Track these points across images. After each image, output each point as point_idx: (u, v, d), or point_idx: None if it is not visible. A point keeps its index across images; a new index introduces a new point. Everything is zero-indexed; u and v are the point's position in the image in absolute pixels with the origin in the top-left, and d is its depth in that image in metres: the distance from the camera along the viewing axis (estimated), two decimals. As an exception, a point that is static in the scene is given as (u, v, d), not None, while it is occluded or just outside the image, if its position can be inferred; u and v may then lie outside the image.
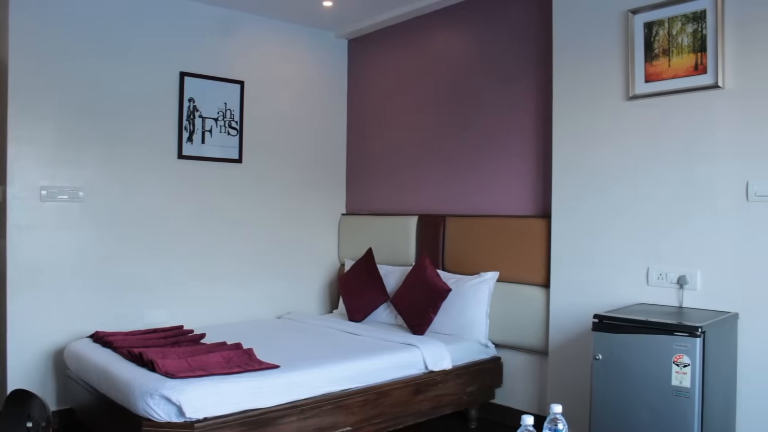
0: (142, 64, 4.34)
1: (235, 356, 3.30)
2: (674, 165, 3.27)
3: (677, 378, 2.71)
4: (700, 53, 3.16)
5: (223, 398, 2.90)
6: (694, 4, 3.18)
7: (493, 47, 4.38)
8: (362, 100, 5.39)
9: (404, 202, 4.98)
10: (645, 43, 3.37)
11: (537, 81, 4.09)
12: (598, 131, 3.58)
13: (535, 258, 3.94)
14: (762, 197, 2.96)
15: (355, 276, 4.72)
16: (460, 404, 3.94)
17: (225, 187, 4.75)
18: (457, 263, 4.43)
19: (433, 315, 4.10)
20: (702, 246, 3.17)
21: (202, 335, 3.87)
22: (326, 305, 5.35)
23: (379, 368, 3.52)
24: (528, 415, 1.97)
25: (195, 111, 4.57)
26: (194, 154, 4.57)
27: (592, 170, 3.61)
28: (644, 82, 3.37)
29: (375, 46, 5.27)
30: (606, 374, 2.94)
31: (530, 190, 4.12)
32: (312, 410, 3.17)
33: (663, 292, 3.29)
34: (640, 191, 3.40)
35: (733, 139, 3.07)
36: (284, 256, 5.07)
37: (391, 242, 4.86)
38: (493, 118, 4.36)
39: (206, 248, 4.63)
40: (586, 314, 3.31)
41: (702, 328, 2.68)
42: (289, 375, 3.16)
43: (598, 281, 3.56)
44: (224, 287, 4.72)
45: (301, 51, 5.22)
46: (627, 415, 2.86)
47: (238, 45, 4.84)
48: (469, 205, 4.50)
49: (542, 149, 4.03)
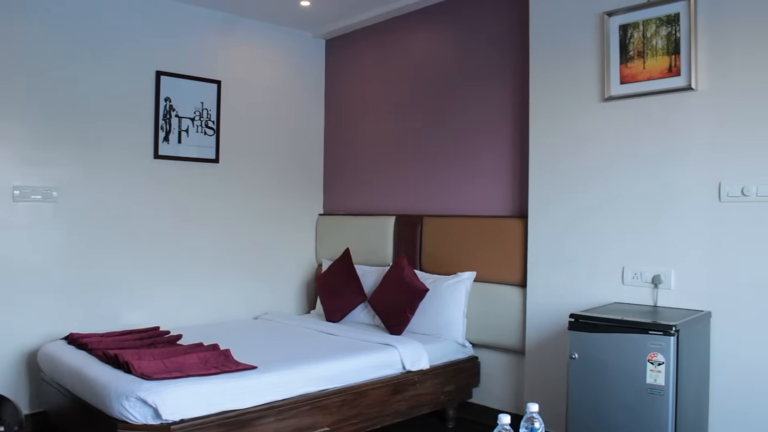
0: (117, 62, 4.30)
1: (212, 357, 3.28)
2: (649, 166, 3.31)
3: (652, 376, 2.74)
4: (674, 56, 3.21)
5: (200, 399, 2.88)
6: (668, 8, 3.23)
7: (470, 48, 4.41)
8: (339, 100, 5.38)
9: (382, 202, 4.99)
10: (620, 45, 3.40)
11: (514, 82, 4.11)
12: (574, 132, 3.61)
13: (512, 258, 3.97)
14: (734, 198, 3.01)
15: (332, 276, 4.72)
16: (438, 404, 3.95)
17: (202, 187, 4.72)
18: (435, 263, 4.44)
19: (410, 315, 4.11)
20: (676, 246, 3.21)
21: (179, 336, 3.84)
22: (304, 306, 5.34)
23: (357, 368, 3.52)
24: (505, 414, 1.99)
25: (171, 110, 4.53)
26: (171, 154, 4.54)
27: (568, 170, 3.64)
28: (619, 83, 3.41)
29: (352, 47, 5.27)
30: (582, 373, 2.96)
31: (507, 191, 4.15)
32: (290, 411, 3.16)
33: (638, 291, 3.33)
34: (615, 192, 3.44)
35: (706, 140, 3.12)
36: (261, 256, 5.05)
37: (369, 242, 4.86)
38: (470, 118, 4.38)
39: (183, 249, 4.60)
40: (563, 314, 3.34)
41: (676, 326, 2.71)
42: (267, 376, 3.15)
43: (575, 281, 3.59)
44: (201, 288, 4.69)
45: (278, 51, 5.20)
46: (603, 413, 2.89)
47: (215, 44, 4.81)
48: (446, 205, 4.51)
49: (519, 149, 4.06)
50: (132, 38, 4.37)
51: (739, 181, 3.00)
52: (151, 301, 4.41)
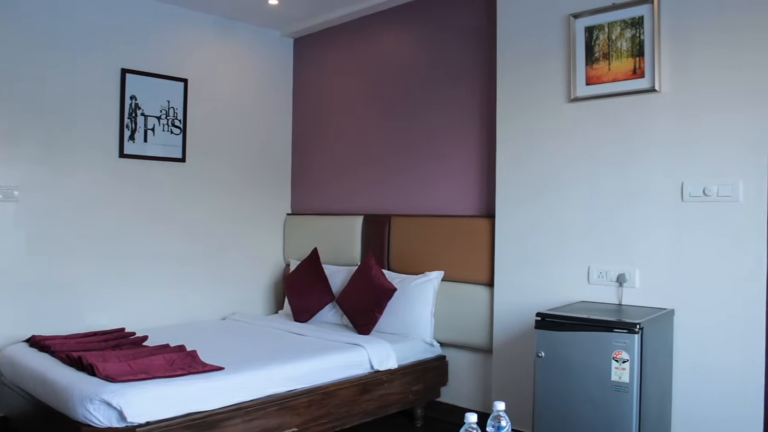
0: (81, 59, 4.22)
1: (179, 358, 3.25)
2: (614, 166, 3.36)
3: (616, 373, 2.78)
4: (639, 58, 3.26)
5: (166, 401, 2.85)
6: (632, 11, 3.28)
7: (438, 48, 4.42)
8: (308, 100, 5.36)
9: (350, 201, 4.98)
10: (586, 47, 3.44)
11: (481, 82, 4.14)
12: (540, 132, 3.65)
13: (480, 257, 3.99)
14: (696, 198, 3.07)
15: (300, 276, 4.70)
16: (406, 403, 3.96)
17: (168, 186, 4.66)
18: (403, 263, 4.45)
19: (378, 315, 4.11)
20: (640, 245, 3.26)
21: (145, 338, 3.79)
22: (271, 306, 5.31)
23: (325, 368, 3.51)
24: (471, 413, 2.00)
25: (137, 109, 4.47)
26: (136, 153, 4.48)
27: (534, 170, 3.67)
28: (585, 84, 3.45)
29: (321, 46, 5.25)
30: (548, 371, 2.99)
31: (475, 190, 4.17)
32: (257, 412, 3.14)
33: (603, 290, 3.38)
34: (581, 191, 3.48)
35: (669, 141, 3.17)
36: (229, 256, 5.01)
37: (337, 242, 4.86)
38: (438, 118, 4.39)
39: (149, 249, 4.54)
40: (529, 312, 3.37)
41: (640, 324, 2.76)
42: (234, 376, 3.13)
43: (541, 280, 3.63)
44: (167, 288, 4.63)
45: (246, 49, 5.16)
46: (569, 410, 2.92)
47: (182, 42, 4.76)
48: (414, 204, 4.52)
49: (486, 149, 4.09)
50: (96, 35, 4.30)
51: (700, 181, 3.05)
52: (117, 302, 4.35)
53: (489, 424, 2.05)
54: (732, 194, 2.96)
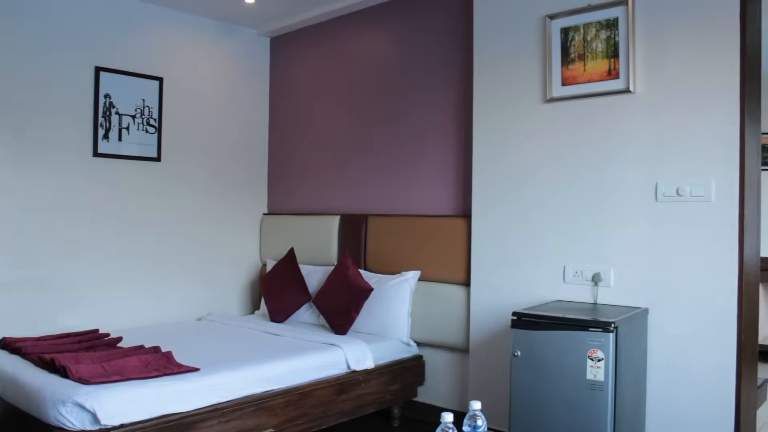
0: (54, 57, 4.16)
1: (153, 360, 3.21)
2: (589, 166, 3.39)
3: (592, 372, 2.80)
4: (613, 59, 3.28)
5: (141, 403, 2.81)
6: (607, 12, 3.30)
7: (415, 48, 4.43)
8: (284, 99, 5.34)
9: (326, 201, 4.97)
10: (562, 48, 3.47)
11: (458, 82, 4.15)
12: (516, 132, 3.67)
13: (456, 257, 4.00)
14: (670, 198, 3.10)
15: (276, 276, 4.68)
16: (383, 403, 3.95)
17: (143, 186, 4.62)
18: (379, 263, 4.45)
19: (355, 315, 4.10)
20: (615, 245, 3.29)
21: (119, 339, 3.75)
22: (248, 306, 5.28)
23: (302, 369, 3.50)
24: (447, 413, 2.00)
25: (111, 107, 4.43)
26: (110, 152, 4.43)
27: (510, 170, 3.69)
28: (561, 85, 3.48)
29: (298, 45, 5.24)
30: (524, 370, 3.01)
31: (451, 190, 4.18)
32: (233, 413, 3.12)
33: (579, 289, 3.40)
34: (556, 191, 3.50)
35: (643, 141, 3.20)
36: (204, 256, 4.97)
37: (313, 242, 4.84)
38: (414, 118, 4.40)
39: (123, 249, 4.49)
40: (506, 312, 3.38)
41: (615, 323, 2.78)
42: (209, 378, 3.10)
43: (517, 279, 3.64)
44: (142, 289, 4.59)
45: (222, 48, 5.13)
46: (545, 408, 2.94)
47: (157, 40, 4.72)
48: (391, 204, 4.52)
49: (463, 149, 4.10)
50: (70, 32, 4.24)
51: (674, 181, 3.09)
52: (90, 303, 4.30)
53: (465, 424, 2.05)
54: (705, 194, 3.00)
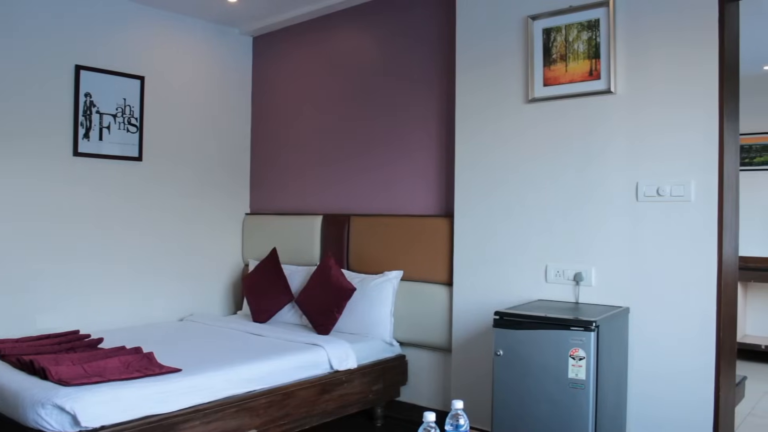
0: (33, 55, 4.12)
1: (135, 361, 3.19)
2: (571, 166, 3.41)
3: (573, 371, 2.82)
4: (595, 60, 3.31)
5: (122, 405, 2.79)
6: (588, 13, 3.33)
7: (398, 47, 4.43)
8: (267, 99, 5.32)
9: (309, 201, 4.96)
10: (544, 48, 3.49)
11: (440, 82, 4.16)
12: (498, 132, 3.68)
13: (439, 257, 4.01)
14: (650, 198, 3.13)
15: (259, 276, 4.66)
16: (366, 403, 3.95)
17: (124, 185, 4.58)
18: (362, 262, 4.45)
19: (337, 315, 4.10)
20: (596, 244, 3.31)
21: (100, 340, 3.72)
22: (230, 306, 5.26)
23: (284, 369, 3.49)
24: (430, 412, 2.00)
25: (92, 106, 4.39)
26: (91, 151, 4.39)
27: (492, 170, 3.70)
28: (543, 85, 3.49)
29: (280, 45, 5.22)
30: (507, 369, 3.02)
31: (434, 190, 4.19)
32: (215, 414, 3.11)
33: (560, 288, 3.42)
34: (539, 191, 3.52)
35: (624, 142, 3.23)
36: (187, 256, 4.95)
37: (296, 242, 4.83)
38: (397, 118, 4.40)
39: (104, 248, 4.46)
40: (488, 311, 3.39)
41: (596, 322, 2.80)
42: (191, 378, 3.09)
43: (499, 279, 3.66)
44: (123, 289, 4.55)
45: (204, 47, 5.10)
46: (527, 407, 2.95)
47: (139, 39, 4.68)
48: (373, 204, 4.52)
49: (446, 150, 4.10)
50: (49, 30, 4.19)
51: (654, 181, 3.12)
52: (70, 304, 4.26)
53: (447, 423, 2.06)
54: (684, 194, 3.03)
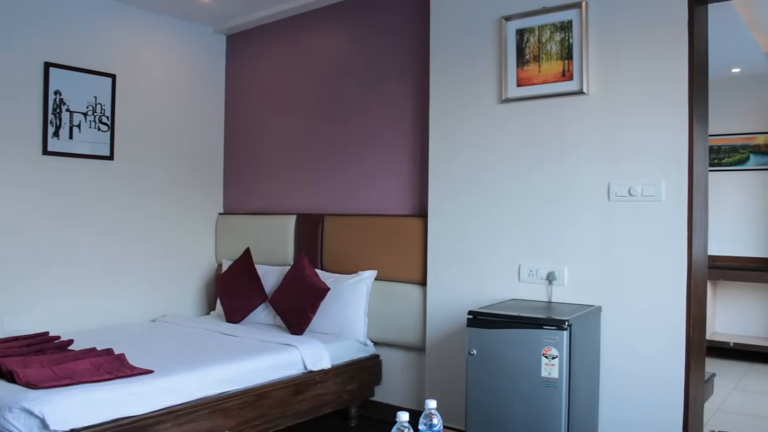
0: (1, 51, 4.04)
1: (106, 362, 3.15)
2: (544, 167, 3.43)
3: (546, 369, 2.84)
4: (567, 60, 3.33)
5: (93, 407, 2.75)
6: (561, 15, 3.35)
7: (373, 47, 4.43)
8: (241, 98, 5.29)
9: (283, 201, 4.94)
10: (517, 49, 3.51)
11: (415, 82, 4.16)
12: (472, 133, 3.70)
13: (413, 256, 4.02)
14: (622, 198, 3.16)
15: (232, 276, 4.63)
16: (341, 403, 3.95)
17: (95, 184, 4.51)
18: (336, 262, 4.44)
19: (311, 315, 4.09)
20: (569, 244, 3.34)
21: (70, 341, 3.66)
22: (203, 307, 5.22)
23: (258, 369, 3.47)
24: (403, 412, 2.01)
25: (62, 104, 4.32)
26: (61, 150, 4.32)
27: (466, 170, 3.72)
28: (516, 86, 3.52)
29: (255, 43, 5.19)
30: (480, 368, 3.03)
31: (408, 190, 4.19)
32: (188, 415, 3.08)
33: (534, 287, 3.45)
34: (512, 191, 3.54)
35: (596, 142, 3.26)
36: (159, 256, 4.90)
37: (270, 242, 4.81)
38: (371, 117, 4.40)
39: (74, 248, 4.39)
40: (462, 311, 3.40)
41: (568, 321, 2.82)
42: (164, 379, 3.06)
43: (473, 278, 3.67)
44: (94, 290, 4.49)
45: (177, 45, 5.05)
46: (501, 406, 2.97)
47: (110, 36, 4.62)
48: (348, 204, 4.52)
49: (419, 149, 4.11)
50: (18, 26, 4.12)
51: (626, 181, 3.15)
52: (40, 306, 4.18)
53: (421, 422, 2.06)
54: (655, 194, 3.07)
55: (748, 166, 6.39)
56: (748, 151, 6.38)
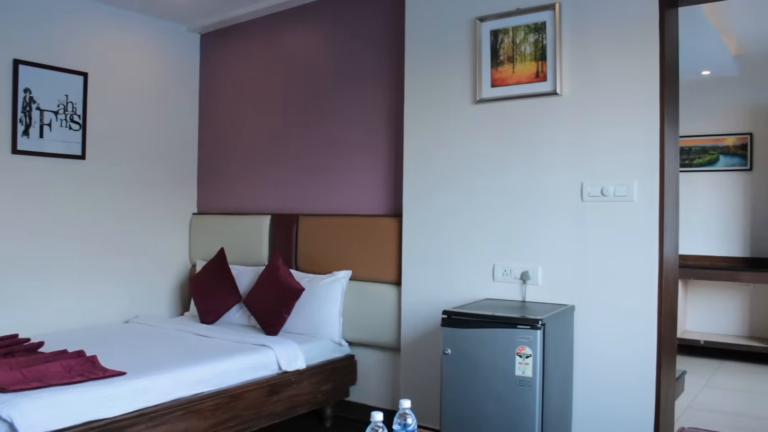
0: (-32, 49, 3.99)
1: (77, 364, 3.11)
2: (518, 167, 3.45)
3: (520, 368, 2.86)
4: (541, 62, 3.36)
5: (63, 410, 2.71)
6: (534, 16, 3.38)
7: (347, 47, 4.42)
8: (215, 97, 5.25)
9: (257, 201, 4.92)
10: (491, 50, 3.52)
11: (389, 82, 4.17)
12: (446, 133, 3.71)
13: (388, 256, 4.02)
14: (594, 198, 3.19)
15: (206, 277, 4.60)
16: (316, 403, 3.94)
17: (67, 184, 4.45)
18: (310, 262, 4.43)
19: (286, 315, 4.07)
20: (543, 243, 3.36)
21: (40, 344, 3.61)
22: (177, 308, 5.17)
23: (232, 370, 3.45)
24: (377, 412, 2.01)
25: (32, 102, 4.26)
26: (32, 149, 4.25)
27: (440, 170, 3.73)
28: (490, 86, 3.53)
29: (229, 43, 5.16)
30: (455, 368, 3.04)
31: (383, 190, 4.20)
32: (161, 417, 3.05)
33: (508, 287, 3.47)
34: (486, 191, 3.56)
35: (569, 143, 3.29)
36: (132, 257, 4.84)
37: (244, 242, 4.78)
38: (346, 117, 4.40)
39: (45, 249, 4.32)
40: (436, 311, 3.41)
41: (542, 320, 2.84)
42: (136, 381, 3.02)
43: (448, 278, 3.68)
44: (66, 291, 4.42)
45: (150, 44, 5.00)
46: (475, 405, 2.98)
47: (82, 34, 4.56)
48: (322, 204, 4.51)
49: (394, 150, 4.12)
50: (-14, 24, 4.07)
51: (599, 181, 3.18)
52: (9, 308, 4.11)
53: (395, 422, 2.06)
54: (627, 194, 3.10)
55: (717, 167, 6.48)
56: (718, 152, 6.48)
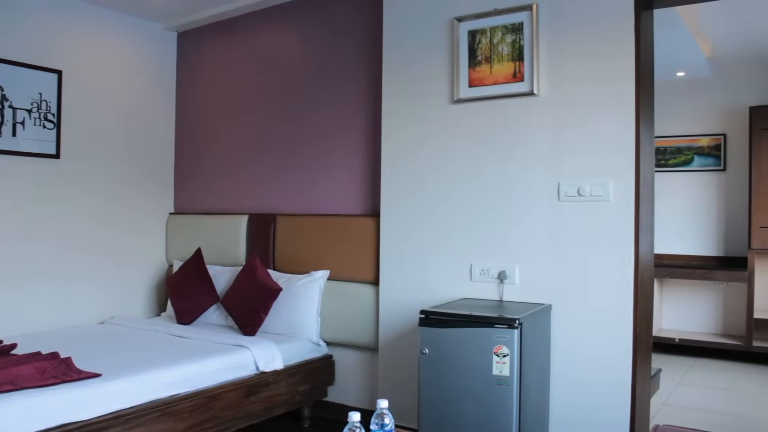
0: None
1: (51, 366, 3.07)
2: (495, 166, 3.47)
3: (497, 368, 2.87)
4: (518, 62, 3.38)
5: (37, 413, 2.68)
6: (512, 17, 3.39)
7: (325, 45, 4.41)
8: (192, 96, 5.21)
9: (234, 200, 4.89)
10: (469, 50, 3.54)
11: (367, 81, 4.16)
12: (424, 132, 3.71)
13: (365, 256, 4.02)
14: (571, 197, 3.22)
15: (183, 277, 4.56)
16: (293, 404, 3.93)
17: (41, 183, 4.39)
18: (288, 262, 4.41)
19: (263, 315, 4.06)
20: (520, 243, 3.38)
21: (13, 346, 3.55)
22: (154, 308, 5.13)
23: (209, 371, 3.43)
24: (354, 412, 2.01)
25: (4, 100, 4.20)
26: (4, 148, 4.19)
27: (418, 170, 3.74)
28: (468, 86, 3.55)
29: (207, 41, 5.12)
30: (432, 367, 3.05)
31: (361, 190, 4.19)
32: (138, 419, 3.03)
33: (485, 286, 3.48)
34: (464, 191, 3.57)
35: (546, 143, 3.31)
36: (108, 257, 4.79)
37: (221, 242, 4.75)
38: (324, 116, 4.39)
39: (17, 249, 4.26)
40: (414, 310, 3.42)
41: (519, 320, 2.86)
42: (112, 383, 2.99)
43: (425, 278, 3.69)
44: (40, 292, 4.36)
45: (126, 42, 4.95)
46: (453, 404, 2.99)
47: (56, 31, 4.50)
48: (300, 203, 4.50)
49: (372, 148, 4.11)
50: (-43, 21, 4.00)
51: (575, 181, 3.21)
52: (-19, 308, 4.07)
53: (373, 422, 2.06)
54: (603, 194, 3.13)
55: (692, 167, 6.56)
56: (693, 152, 6.55)
